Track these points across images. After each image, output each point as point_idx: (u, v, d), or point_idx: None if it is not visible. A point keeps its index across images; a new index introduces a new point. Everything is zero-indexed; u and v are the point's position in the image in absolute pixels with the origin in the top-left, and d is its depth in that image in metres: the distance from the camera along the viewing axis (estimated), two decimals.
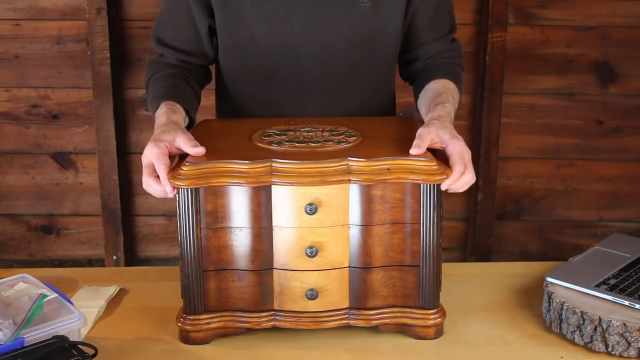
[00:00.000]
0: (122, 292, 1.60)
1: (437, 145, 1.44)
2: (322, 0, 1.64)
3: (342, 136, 1.48)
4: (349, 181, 1.36)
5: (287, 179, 1.35)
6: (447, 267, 1.59)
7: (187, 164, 1.37)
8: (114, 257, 2.97)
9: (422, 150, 1.40)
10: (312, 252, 1.38)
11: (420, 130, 1.44)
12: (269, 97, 1.70)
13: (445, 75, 1.71)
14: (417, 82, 1.76)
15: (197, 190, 1.36)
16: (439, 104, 1.59)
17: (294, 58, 1.67)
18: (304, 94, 1.70)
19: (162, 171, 1.38)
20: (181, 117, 1.56)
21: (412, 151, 1.39)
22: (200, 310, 1.42)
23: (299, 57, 1.67)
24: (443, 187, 1.40)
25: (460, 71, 1.79)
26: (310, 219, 1.37)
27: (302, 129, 1.52)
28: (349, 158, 1.38)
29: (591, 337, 1.38)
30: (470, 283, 1.63)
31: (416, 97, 1.75)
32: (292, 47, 1.66)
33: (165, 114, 1.53)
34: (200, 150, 1.40)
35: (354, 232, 1.39)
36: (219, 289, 1.41)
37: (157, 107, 1.57)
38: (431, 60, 1.76)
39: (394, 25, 1.69)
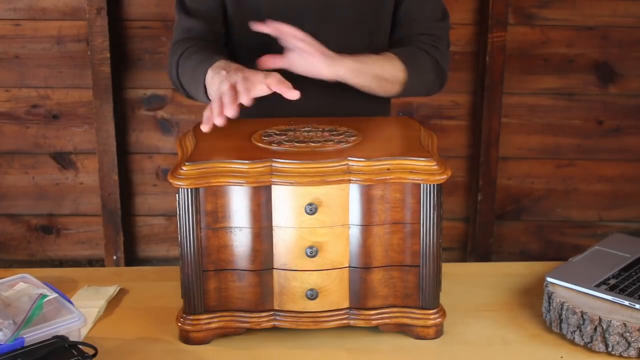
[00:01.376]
0: (122, 292, 1.60)
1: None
2: None
3: (342, 136, 1.48)
4: (349, 181, 1.36)
5: (287, 179, 1.35)
6: (447, 267, 1.59)
7: (187, 164, 1.37)
8: (114, 257, 2.97)
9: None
10: (312, 252, 1.38)
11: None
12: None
13: (394, 51, 1.70)
14: None
15: (197, 190, 1.36)
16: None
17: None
18: None
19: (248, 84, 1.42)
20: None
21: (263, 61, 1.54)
22: (200, 310, 1.42)
23: (300, 28, 1.69)
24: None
25: (422, 54, 1.73)
26: (310, 219, 1.37)
27: (302, 129, 1.52)
28: (349, 158, 1.38)
29: (591, 337, 1.38)
30: (470, 283, 1.63)
31: None
32: (293, 17, 1.67)
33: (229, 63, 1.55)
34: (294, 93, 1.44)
35: (354, 232, 1.39)
36: (219, 289, 1.41)
37: (211, 66, 1.57)
38: (400, 40, 1.76)
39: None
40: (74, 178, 2.99)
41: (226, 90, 1.42)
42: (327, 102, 1.74)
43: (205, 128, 1.41)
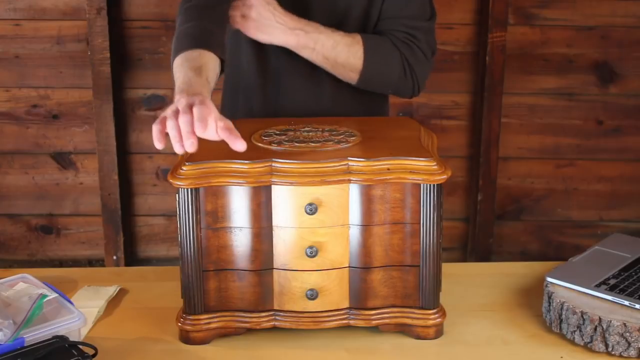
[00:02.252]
0: (122, 292, 1.60)
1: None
2: None
3: (342, 136, 1.48)
4: (349, 181, 1.36)
5: (287, 178, 1.35)
6: (447, 267, 1.58)
7: (187, 164, 1.37)
8: (114, 257, 2.97)
9: None
10: (312, 252, 1.38)
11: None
12: (264, 67, 1.70)
13: (362, 36, 1.69)
14: None
15: (197, 190, 1.36)
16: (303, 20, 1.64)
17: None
18: (294, 70, 1.72)
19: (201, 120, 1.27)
20: (207, 76, 1.45)
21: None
22: (200, 310, 1.42)
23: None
24: None
25: (391, 49, 1.70)
26: (310, 219, 1.37)
27: (302, 129, 1.53)
28: (349, 158, 1.38)
29: (591, 337, 1.38)
30: (470, 283, 1.63)
31: None
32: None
33: (189, 76, 1.43)
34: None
35: (354, 232, 1.39)
36: (219, 289, 1.41)
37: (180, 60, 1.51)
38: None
39: None
40: (74, 178, 2.99)
41: (183, 117, 1.30)
42: (327, 102, 1.74)
43: (159, 145, 1.29)
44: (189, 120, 1.27)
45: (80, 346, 1.28)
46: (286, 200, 1.37)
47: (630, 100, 2.95)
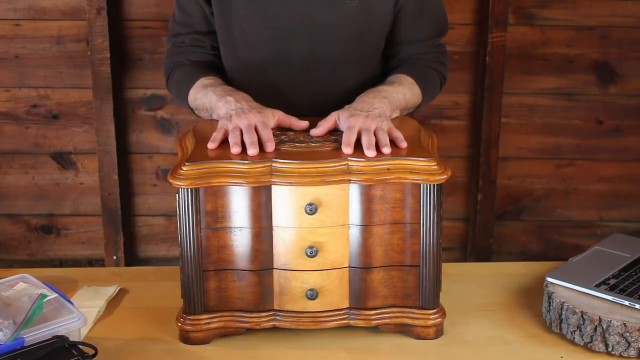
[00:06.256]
0: (122, 292, 1.60)
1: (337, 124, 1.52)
2: None
3: (342, 136, 1.48)
4: (349, 181, 1.36)
5: (287, 179, 1.35)
6: (447, 267, 1.59)
7: (187, 164, 1.37)
8: (114, 257, 2.97)
9: (322, 131, 1.49)
10: (312, 252, 1.38)
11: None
12: (262, 91, 1.71)
13: (405, 71, 1.72)
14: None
15: (197, 190, 1.36)
16: (373, 90, 1.62)
17: (284, 53, 1.70)
18: (294, 88, 1.73)
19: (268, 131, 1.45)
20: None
21: (312, 132, 1.50)
22: (200, 310, 1.42)
23: (289, 53, 1.70)
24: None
25: (433, 74, 1.78)
26: (310, 219, 1.37)
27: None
28: (349, 158, 1.38)
29: (591, 337, 1.38)
30: (470, 283, 1.63)
31: None
32: (281, 42, 1.69)
33: (226, 90, 1.62)
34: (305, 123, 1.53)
35: (354, 232, 1.39)
36: (219, 289, 1.41)
37: (193, 86, 1.69)
38: (406, 60, 1.78)
39: (382, 23, 1.72)
40: (74, 178, 2.99)
41: (246, 128, 1.45)
42: (326, 102, 1.74)
43: (211, 145, 1.44)
44: (255, 140, 1.43)
45: (80, 346, 1.28)
46: (286, 200, 1.37)
47: (630, 100, 2.95)
